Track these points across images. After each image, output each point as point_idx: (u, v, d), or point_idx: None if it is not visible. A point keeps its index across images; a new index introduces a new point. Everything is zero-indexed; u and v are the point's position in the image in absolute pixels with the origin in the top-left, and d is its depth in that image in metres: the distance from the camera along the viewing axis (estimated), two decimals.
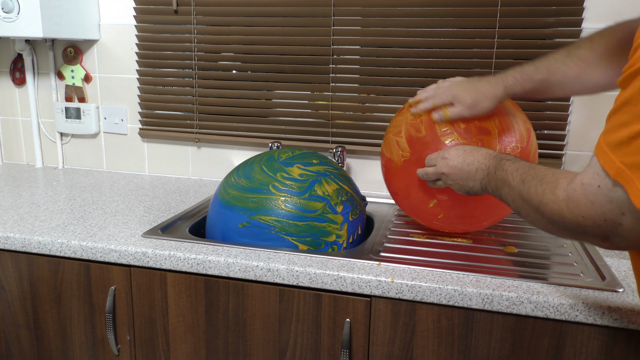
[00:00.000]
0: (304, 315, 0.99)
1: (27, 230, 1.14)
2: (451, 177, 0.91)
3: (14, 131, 1.82)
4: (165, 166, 1.70)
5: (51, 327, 1.15)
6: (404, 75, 1.44)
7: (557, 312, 0.86)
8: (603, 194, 0.58)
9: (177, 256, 1.02)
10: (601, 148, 0.58)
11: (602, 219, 0.59)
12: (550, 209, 0.65)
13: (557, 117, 1.36)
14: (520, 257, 1.06)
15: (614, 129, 0.56)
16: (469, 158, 0.88)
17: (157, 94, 1.65)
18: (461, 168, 0.89)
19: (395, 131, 1.09)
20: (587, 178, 0.60)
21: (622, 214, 0.57)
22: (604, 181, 0.57)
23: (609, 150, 0.56)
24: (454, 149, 0.92)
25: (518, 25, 1.34)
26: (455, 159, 0.91)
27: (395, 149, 1.08)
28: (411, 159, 1.05)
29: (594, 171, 0.59)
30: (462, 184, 0.90)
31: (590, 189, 0.59)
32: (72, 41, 1.68)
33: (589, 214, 0.60)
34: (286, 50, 1.51)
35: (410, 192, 1.08)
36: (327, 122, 1.52)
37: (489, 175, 0.83)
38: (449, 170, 0.91)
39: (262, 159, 1.14)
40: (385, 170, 1.13)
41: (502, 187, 0.78)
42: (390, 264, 0.99)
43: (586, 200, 0.60)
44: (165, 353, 1.09)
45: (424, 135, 1.03)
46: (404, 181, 1.08)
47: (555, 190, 0.65)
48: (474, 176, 0.87)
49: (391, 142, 1.10)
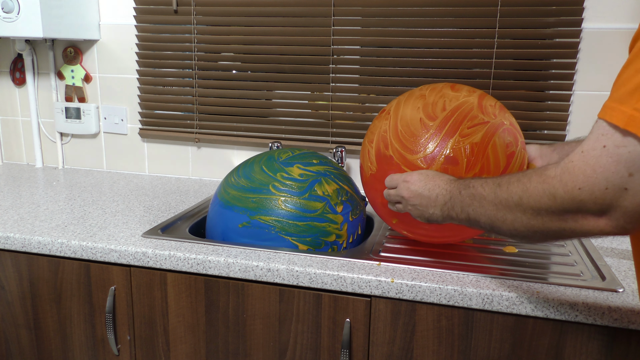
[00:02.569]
0: (304, 315, 0.99)
1: (27, 230, 1.14)
2: (411, 201, 0.87)
3: (14, 131, 1.82)
4: (165, 166, 1.70)
5: (51, 327, 1.15)
6: (404, 75, 1.44)
7: (557, 312, 0.86)
8: (609, 153, 0.53)
9: (177, 256, 1.02)
10: (608, 107, 0.54)
11: (602, 186, 0.53)
12: (538, 193, 0.60)
13: (557, 117, 1.36)
14: (520, 257, 1.06)
15: (625, 82, 0.53)
16: (430, 183, 0.84)
17: (157, 94, 1.65)
18: (421, 193, 0.84)
19: (369, 138, 1.03)
20: (588, 145, 0.55)
21: (629, 174, 0.52)
22: (610, 139, 0.53)
23: (618, 104, 0.52)
24: (416, 173, 0.87)
25: (518, 25, 1.34)
26: (416, 183, 0.86)
27: (366, 159, 1.03)
28: (377, 175, 1.00)
29: (597, 134, 0.55)
30: (422, 210, 0.85)
31: (593, 153, 0.54)
32: (72, 41, 1.68)
33: (588, 181, 0.54)
34: (286, 50, 1.51)
35: (375, 205, 1.04)
36: (327, 122, 1.52)
37: (452, 199, 0.78)
38: (409, 194, 0.86)
39: (262, 159, 1.14)
40: (361, 173, 1.09)
41: (470, 204, 0.73)
42: (390, 264, 0.99)
43: (585, 166, 0.55)
44: (165, 353, 1.09)
45: (390, 155, 0.97)
46: (370, 194, 1.04)
47: (543, 172, 0.60)
48: (434, 202, 0.82)
49: (364, 149, 1.05)
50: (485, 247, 1.11)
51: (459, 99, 0.97)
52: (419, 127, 0.95)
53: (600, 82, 1.32)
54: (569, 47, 1.31)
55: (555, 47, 1.33)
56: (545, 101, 1.37)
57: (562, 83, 1.34)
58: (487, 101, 0.98)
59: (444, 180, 0.83)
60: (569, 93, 1.34)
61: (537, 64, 1.35)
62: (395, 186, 0.90)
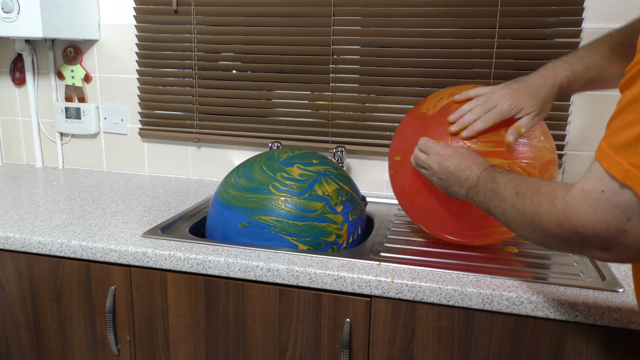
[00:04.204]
0: (304, 315, 0.99)
1: (27, 230, 1.14)
2: (438, 175, 0.89)
3: (14, 131, 1.82)
4: (165, 166, 1.70)
5: (51, 327, 1.15)
6: (404, 75, 1.43)
7: (557, 312, 0.86)
8: (607, 199, 0.55)
9: (177, 256, 1.02)
10: (604, 152, 0.55)
11: (604, 226, 0.56)
12: (548, 219, 0.63)
13: (557, 117, 1.36)
14: (520, 257, 1.06)
15: (618, 131, 0.54)
16: (463, 164, 0.86)
17: (157, 94, 1.65)
18: (452, 172, 0.87)
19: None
20: (588, 184, 0.57)
21: (627, 219, 0.54)
22: (608, 185, 0.55)
23: (614, 153, 0.54)
24: (451, 149, 0.89)
25: (518, 25, 1.34)
26: (449, 160, 0.88)
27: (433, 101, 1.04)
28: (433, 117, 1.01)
29: (596, 176, 0.56)
30: (447, 186, 0.89)
31: (592, 195, 0.56)
32: (72, 41, 1.68)
33: (590, 221, 0.57)
34: (286, 50, 1.51)
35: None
36: (327, 122, 1.52)
37: (478, 187, 0.81)
38: (439, 168, 0.89)
39: (262, 159, 1.14)
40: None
41: (492, 199, 0.76)
42: (390, 264, 0.99)
43: (587, 207, 0.57)
44: (165, 353, 1.09)
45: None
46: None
47: (553, 200, 0.63)
48: (462, 183, 0.85)
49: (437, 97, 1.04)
50: (485, 247, 1.11)
51: (541, 144, 0.98)
52: (502, 134, 0.94)
53: None
54: (569, 47, 1.31)
55: (555, 47, 1.33)
56: None
57: None
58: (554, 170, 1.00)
59: (477, 164, 0.85)
60: None
61: (537, 64, 1.34)
62: (428, 153, 0.92)
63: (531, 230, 0.67)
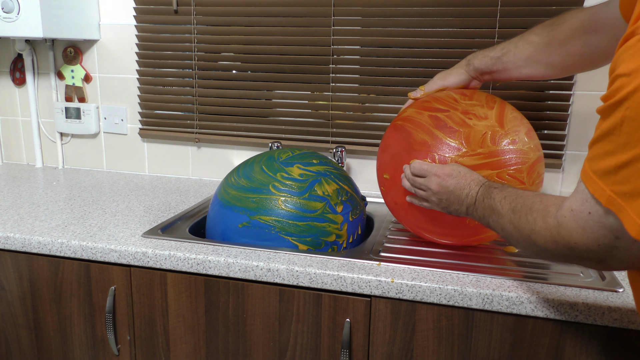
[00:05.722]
0: (304, 315, 0.99)
1: (27, 230, 1.14)
2: (438, 195, 0.89)
3: (14, 131, 1.82)
4: (165, 166, 1.70)
5: (51, 327, 1.15)
6: (404, 75, 1.43)
7: (557, 312, 0.86)
8: (595, 220, 0.57)
9: (177, 256, 1.02)
10: (588, 175, 0.56)
11: (595, 244, 0.58)
12: (543, 237, 0.65)
13: (557, 117, 1.36)
14: (520, 257, 1.06)
15: (599, 157, 0.55)
16: (462, 182, 0.86)
17: (157, 94, 1.65)
18: (452, 191, 0.87)
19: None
20: (576, 204, 0.59)
21: (616, 237, 0.56)
22: (594, 208, 0.56)
23: (597, 178, 0.55)
24: (448, 168, 0.89)
25: (518, 25, 1.34)
26: (448, 179, 0.88)
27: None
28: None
29: (582, 197, 0.58)
30: (447, 205, 0.89)
31: (581, 216, 0.58)
32: (72, 41, 1.68)
33: (581, 240, 0.59)
34: (286, 50, 1.51)
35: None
36: (327, 122, 1.52)
37: (477, 203, 0.82)
38: (438, 188, 0.89)
39: (262, 159, 1.14)
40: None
41: (490, 215, 0.78)
42: (390, 264, 0.99)
43: (577, 226, 0.59)
44: (165, 353, 1.09)
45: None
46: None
47: (546, 218, 0.64)
48: (462, 201, 0.85)
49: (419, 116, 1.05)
50: (485, 247, 1.11)
51: (525, 146, 0.97)
52: (478, 138, 0.95)
53: (600, 82, 1.32)
54: None
55: None
56: (545, 101, 1.37)
57: (562, 83, 1.34)
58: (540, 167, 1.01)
59: (474, 180, 0.86)
60: (569, 93, 1.34)
61: None
62: (425, 176, 0.92)
63: (529, 246, 0.69)
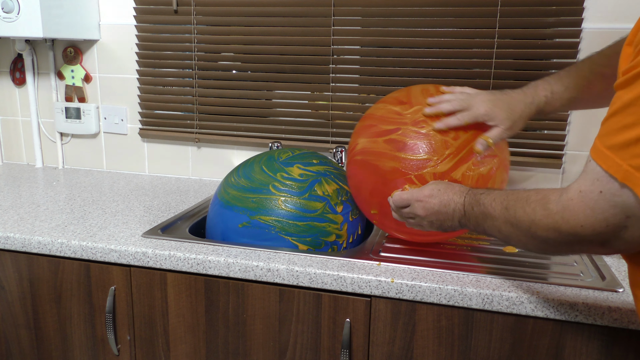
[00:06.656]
0: (304, 315, 0.99)
1: (27, 230, 1.14)
2: (428, 218, 0.88)
3: (14, 131, 1.82)
4: (165, 166, 1.70)
5: (51, 327, 1.15)
6: (404, 75, 1.43)
7: (557, 312, 0.86)
8: (606, 199, 0.56)
9: (177, 256, 1.02)
10: (601, 152, 0.56)
11: (603, 225, 0.57)
12: (545, 225, 0.64)
13: (557, 117, 1.36)
14: (520, 257, 1.06)
15: (615, 132, 0.54)
16: (444, 198, 0.85)
17: (157, 94, 1.65)
18: (438, 210, 0.85)
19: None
20: (585, 185, 0.58)
21: (627, 217, 0.55)
22: (607, 186, 0.55)
23: (612, 153, 0.54)
24: (426, 189, 0.88)
25: (518, 25, 1.34)
26: (430, 200, 0.86)
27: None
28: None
29: (593, 177, 0.57)
30: (440, 224, 0.87)
31: (591, 196, 0.57)
32: (72, 41, 1.68)
33: (589, 221, 0.58)
34: (286, 50, 1.51)
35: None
36: (327, 122, 1.52)
37: (467, 214, 0.81)
38: (425, 213, 0.87)
39: (262, 159, 1.14)
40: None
41: (485, 221, 0.77)
42: (390, 264, 0.99)
43: (585, 207, 0.58)
44: (165, 353, 1.09)
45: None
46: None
47: (546, 205, 0.64)
48: (452, 216, 0.84)
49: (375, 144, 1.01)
50: (486, 247, 1.11)
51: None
52: (440, 142, 0.94)
53: None
54: (569, 47, 1.31)
55: (555, 47, 1.33)
56: None
57: None
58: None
59: (456, 193, 0.84)
60: None
61: (537, 64, 1.35)
62: (408, 205, 0.91)
63: (529, 239, 0.68)
